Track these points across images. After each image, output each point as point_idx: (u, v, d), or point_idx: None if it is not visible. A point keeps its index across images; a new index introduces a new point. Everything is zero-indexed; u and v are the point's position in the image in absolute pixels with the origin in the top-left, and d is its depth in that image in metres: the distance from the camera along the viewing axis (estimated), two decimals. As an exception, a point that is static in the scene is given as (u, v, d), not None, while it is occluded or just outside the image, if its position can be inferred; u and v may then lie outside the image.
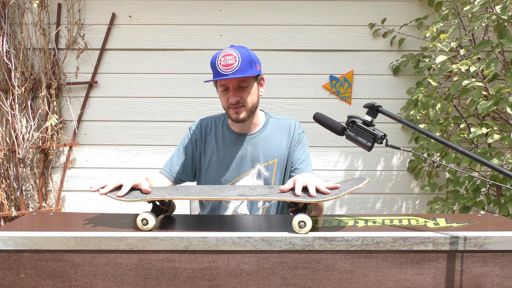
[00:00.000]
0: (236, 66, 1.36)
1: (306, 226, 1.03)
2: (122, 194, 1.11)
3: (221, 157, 1.54)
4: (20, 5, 2.63)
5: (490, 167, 0.97)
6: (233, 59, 1.36)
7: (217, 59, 1.38)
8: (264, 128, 1.57)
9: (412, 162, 2.70)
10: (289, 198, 1.08)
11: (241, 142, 1.54)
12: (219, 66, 1.37)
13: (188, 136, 1.60)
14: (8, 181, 2.64)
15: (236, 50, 1.39)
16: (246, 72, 1.38)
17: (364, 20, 2.69)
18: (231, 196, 1.09)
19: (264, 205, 1.56)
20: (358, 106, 2.71)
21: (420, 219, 1.18)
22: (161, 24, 2.69)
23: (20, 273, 1.01)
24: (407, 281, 1.01)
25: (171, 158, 1.60)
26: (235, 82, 1.41)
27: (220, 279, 1.01)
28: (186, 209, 2.68)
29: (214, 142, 1.56)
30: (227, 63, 1.36)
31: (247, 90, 1.44)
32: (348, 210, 2.79)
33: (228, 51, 1.39)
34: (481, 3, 1.97)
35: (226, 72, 1.36)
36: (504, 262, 1.01)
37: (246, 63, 1.38)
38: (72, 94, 2.70)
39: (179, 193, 1.11)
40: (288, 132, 1.58)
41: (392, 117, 1.09)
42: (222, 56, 1.38)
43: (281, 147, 1.56)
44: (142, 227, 1.05)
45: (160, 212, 1.17)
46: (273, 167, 1.54)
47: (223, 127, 1.58)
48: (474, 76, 2.17)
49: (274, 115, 1.62)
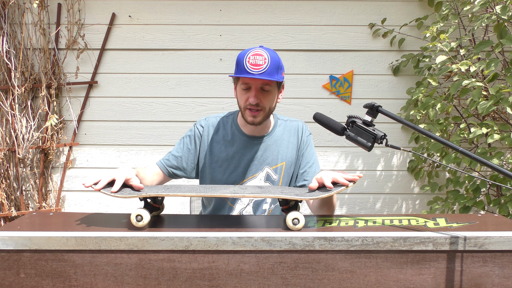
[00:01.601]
0: (264, 68, 1.34)
1: (300, 223, 1.04)
2: (115, 190, 1.11)
3: (229, 158, 1.52)
4: (20, 5, 2.63)
5: (490, 167, 0.97)
6: (262, 60, 1.34)
7: (246, 57, 1.35)
8: (273, 130, 1.56)
9: (412, 162, 2.70)
10: (279, 195, 1.09)
11: (251, 145, 1.53)
12: (246, 63, 1.34)
13: (192, 132, 1.57)
14: (8, 181, 2.64)
15: (267, 52, 1.37)
16: (272, 76, 1.36)
17: (364, 20, 2.69)
18: (225, 194, 1.10)
19: (270, 208, 1.56)
20: (358, 106, 2.71)
21: (420, 219, 1.18)
22: (161, 24, 2.69)
23: (20, 273, 1.01)
24: (407, 281, 1.01)
25: (170, 152, 1.58)
26: (260, 83, 1.39)
27: (220, 279, 1.01)
28: (186, 209, 2.68)
29: (222, 142, 1.54)
30: (256, 63, 1.34)
31: (268, 94, 1.42)
32: (348, 210, 2.79)
33: (258, 51, 1.36)
34: (481, 3, 1.97)
35: (254, 71, 1.34)
36: (504, 262, 1.01)
37: (274, 67, 1.37)
38: (72, 94, 2.70)
39: (171, 191, 1.11)
40: (296, 134, 1.57)
41: (392, 117, 1.09)
42: (252, 54, 1.35)
43: (289, 150, 1.55)
44: (137, 224, 1.05)
45: (152, 209, 1.17)
46: (281, 170, 1.54)
47: (232, 128, 1.55)
48: (474, 76, 2.17)
49: (281, 117, 1.61)
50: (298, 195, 1.10)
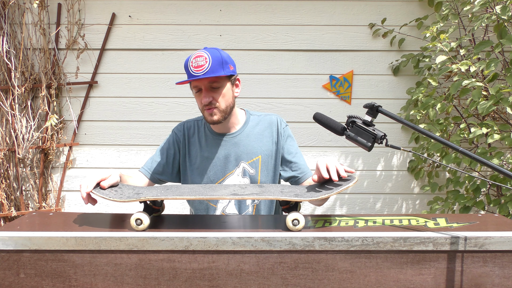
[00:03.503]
0: (206, 67, 1.38)
1: (300, 224, 1.04)
2: (105, 186, 1.16)
3: (205, 159, 1.55)
4: (20, 5, 2.63)
5: (490, 167, 0.97)
6: (203, 60, 1.38)
7: (189, 61, 1.40)
8: (245, 126, 1.58)
9: (412, 162, 2.70)
10: (280, 197, 1.08)
11: (223, 142, 1.56)
12: (191, 67, 1.40)
13: (171, 138, 1.62)
14: (8, 181, 2.64)
15: (207, 51, 1.41)
16: (216, 73, 1.40)
17: (364, 20, 2.69)
18: (224, 195, 1.10)
19: (253, 203, 1.57)
20: (358, 106, 2.71)
21: (420, 219, 1.17)
22: (161, 24, 2.69)
23: (20, 273, 1.01)
24: (407, 281, 1.01)
25: (151, 158, 1.61)
26: (206, 82, 1.42)
27: (220, 279, 1.01)
28: (186, 209, 2.68)
29: (198, 145, 1.58)
30: (198, 65, 1.38)
31: (219, 90, 1.45)
32: (348, 210, 2.79)
33: (199, 53, 1.41)
34: (481, 3, 1.97)
35: (197, 73, 1.38)
36: (504, 262, 1.01)
37: (217, 63, 1.40)
38: (72, 94, 2.70)
39: (171, 192, 1.11)
40: (271, 127, 1.58)
41: (392, 117, 1.09)
42: (193, 58, 1.40)
43: (264, 143, 1.56)
44: (137, 227, 1.05)
45: (152, 211, 1.17)
46: (257, 164, 1.55)
47: (205, 129, 1.59)
48: (474, 76, 2.17)
49: (255, 113, 1.63)
50: (298, 196, 1.10)
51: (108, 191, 1.14)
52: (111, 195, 1.11)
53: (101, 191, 1.13)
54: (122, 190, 1.16)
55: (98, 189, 1.14)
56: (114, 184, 1.20)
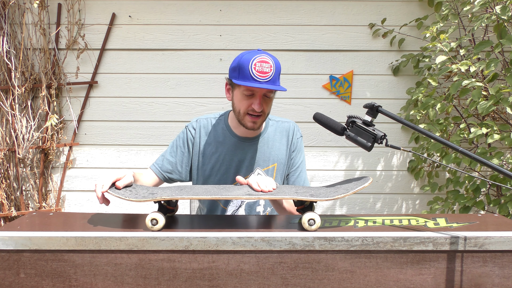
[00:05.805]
0: (270, 75, 1.33)
1: (316, 224, 1.04)
2: (121, 186, 1.14)
3: (220, 160, 1.51)
4: (20, 5, 2.63)
5: (490, 167, 0.97)
6: (269, 68, 1.33)
7: (252, 63, 1.32)
8: (265, 131, 1.54)
9: (412, 162, 2.70)
10: (296, 197, 1.08)
11: (242, 146, 1.51)
12: (252, 70, 1.31)
13: (184, 135, 1.55)
14: (8, 181, 2.64)
15: (271, 58, 1.36)
16: (276, 84, 1.36)
17: (364, 20, 2.69)
18: (239, 195, 1.09)
19: (265, 211, 1.55)
20: (358, 106, 2.71)
21: (420, 219, 1.18)
22: (161, 24, 2.69)
23: (20, 273, 1.01)
24: (407, 281, 1.01)
25: (163, 155, 1.56)
26: (264, 90, 1.37)
27: (220, 279, 1.01)
28: (186, 209, 2.68)
29: (213, 144, 1.52)
30: (263, 70, 1.32)
31: (270, 100, 1.42)
32: (348, 210, 2.79)
33: (264, 58, 1.34)
34: (481, 3, 1.97)
35: (261, 79, 1.32)
36: (504, 262, 1.01)
37: (278, 74, 1.37)
38: (72, 94, 2.70)
39: (185, 193, 1.10)
40: (287, 136, 1.56)
41: (392, 117, 1.09)
42: (258, 61, 1.32)
43: (281, 152, 1.54)
44: (152, 228, 1.04)
45: (167, 211, 1.16)
46: (273, 171, 1.53)
47: (224, 129, 1.53)
48: (474, 76, 2.17)
49: (273, 117, 1.59)
50: (314, 196, 1.09)
51: (123, 191, 1.14)
52: (127, 194, 1.11)
53: (116, 191, 1.13)
54: (136, 190, 1.16)
55: (113, 189, 1.14)
56: (128, 184, 1.19)
